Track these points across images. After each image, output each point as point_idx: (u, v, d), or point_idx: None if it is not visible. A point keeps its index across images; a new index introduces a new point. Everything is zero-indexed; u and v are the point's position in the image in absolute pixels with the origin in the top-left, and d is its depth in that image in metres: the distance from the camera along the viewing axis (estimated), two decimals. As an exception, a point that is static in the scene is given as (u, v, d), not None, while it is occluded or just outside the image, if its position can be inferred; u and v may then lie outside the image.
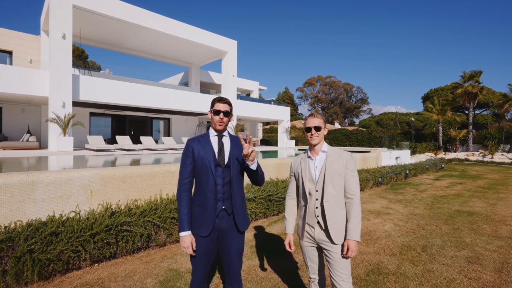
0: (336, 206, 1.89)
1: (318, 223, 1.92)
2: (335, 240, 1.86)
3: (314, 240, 1.96)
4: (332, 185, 1.88)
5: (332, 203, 1.88)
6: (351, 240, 1.83)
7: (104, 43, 17.01)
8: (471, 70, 24.65)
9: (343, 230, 1.88)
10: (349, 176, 1.89)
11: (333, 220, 1.88)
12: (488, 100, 29.99)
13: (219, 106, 1.90)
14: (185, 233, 1.84)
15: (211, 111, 1.93)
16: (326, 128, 2.00)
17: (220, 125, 1.91)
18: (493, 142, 22.09)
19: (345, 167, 1.89)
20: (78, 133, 15.09)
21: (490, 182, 10.09)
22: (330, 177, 1.89)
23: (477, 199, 6.94)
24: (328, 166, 1.90)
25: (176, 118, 20.61)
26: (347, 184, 1.90)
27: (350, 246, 1.83)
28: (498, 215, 5.43)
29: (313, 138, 1.92)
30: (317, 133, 1.92)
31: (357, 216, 1.86)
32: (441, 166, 14.31)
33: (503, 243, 3.93)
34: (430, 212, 5.67)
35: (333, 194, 1.89)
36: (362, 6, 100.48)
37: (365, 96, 62.22)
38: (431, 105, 25.62)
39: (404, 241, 4.01)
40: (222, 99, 1.93)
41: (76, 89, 12.53)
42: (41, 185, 3.69)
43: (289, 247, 2.04)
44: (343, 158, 1.91)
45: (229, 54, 18.19)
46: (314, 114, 1.98)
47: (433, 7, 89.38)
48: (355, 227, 1.84)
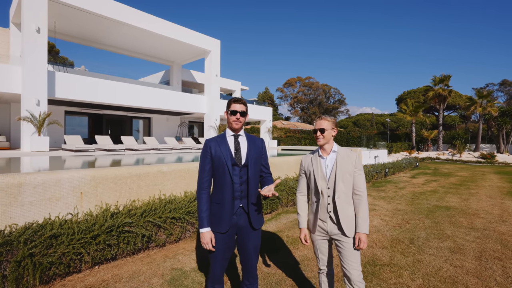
0: (346, 202, 2.03)
1: (330, 218, 2.05)
2: (347, 233, 2.00)
3: (326, 233, 2.08)
4: (343, 183, 2.02)
5: (343, 199, 2.02)
6: (362, 234, 1.99)
7: (80, 39, 16.27)
8: (441, 74, 26.23)
9: (353, 224, 2.03)
10: (357, 174, 2.04)
11: (344, 215, 2.02)
12: (456, 102, 32.11)
13: (235, 107, 1.98)
14: (205, 230, 1.89)
15: (227, 111, 2.00)
16: (335, 129, 2.11)
17: (236, 124, 1.98)
18: (461, 142, 23.66)
19: (354, 166, 2.04)
20: (52, 133, 14.32)
21: (461, 179, 10.86)
22: (341, 175, 2.02)
23: (452, 195, 7.47)
24: (339, 165, 2.03)
25: (157, 118, 20.15)
26: (355, 182, 2.04)
27: (362, 238, 1.98)
28: (471, 209, 5.89)
29: (318, 140, 2.07)
30: (322, 135, 2.05)
31: (365, 212, 2.01)
32: (416, 165, 15.14)
33: (479, 234, 4.30)
34: (412, 207, 6.03)
35: (343, 191, 2.02)
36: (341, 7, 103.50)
37: (342, 97, 64.10)
38: (405, 106, 26.96)
39: (392, 234, 4.26)
40: (238, 100, 2.00)
41: (51, 86, 11.92)
42: (29, 187, 3.53)
43: (305, 241, 2.14)
44: (352, 158, 2.05)
45: (212, 53, 18.07)
46: (321, 116, 2.10)
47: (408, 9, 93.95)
48: (364, 222, 2.00)
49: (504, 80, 45.63)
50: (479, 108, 23.98)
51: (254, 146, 2.06)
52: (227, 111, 2.01)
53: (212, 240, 1.90)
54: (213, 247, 1.92)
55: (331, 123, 2.08)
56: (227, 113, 2.00)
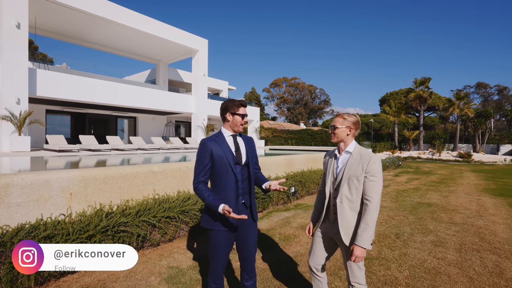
0: (350, 208, 1.88)
1: (335, 219, 1.97)
2: (344, 240, 1.89)
3: (329, 234, 2.05)
4: (348, 187, 1.88)
5: (345, 204, 1.89)
6: (357, 246, 1.79)
7: (63, 35, 15.76)
8: (422, 77, 27.27)
9: (352, 232, 1.87)
10: (368, 180, 1.83)
11: (344, 221, 1.89)
12: (435, 103, 33.43)
13: (245, 111, 2.04)
14: (220, 206, 1.84)
15: (232, 113, 2.02)
16: (351, 129, 1.94)
17: (242, 127, 2.06)
18: (440, 141, 24.69)
19: (365, 170, 1.84)
20: (32, 132, 13.78)
21: (441, 177, 11.37)
22: (346, 178, 1.89)
23: (433, 192, 7.83)
24: (347, 168, 1.90)
25: (143, 117, 19.80)
26: (365, 188, 1.84)
27: (354, 251, 1.79)
28: (451, 205, 6.22)
29: (332, 137, 2.00)
30: (333, 131, 1.97)
31: (367, 222, 1.79)
32: (399, 164, 15.69)
33: (459, 228, 4.57)
34: (396, 204, 6.30)
35: (347, 196, 1.88)
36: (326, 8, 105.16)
37: (327, 97, 65.18)
38: (388, 107, 27.84)
39: (379, 230, 4.46)
40: (245, 104, 2.05)
41: (32, 84, 11.50)
42: (16, 188, 3.45)
43: (308, 232, 2.20)
44: (365, 162, 1.85)
45: (200, 53, 17.96)
46: (338, 113, 2.00)
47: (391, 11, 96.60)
48: (363, 233, 1.78)
49: (480, 83, 47.89)
50: (457, 109, 25.12)
51: (250, 145, 2.14)
52: (232, 113, 2.01)
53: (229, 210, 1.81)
54: (217, 244, 1.98)
55: (346, 121, 1.94)
56: (232, 115, 2.02)
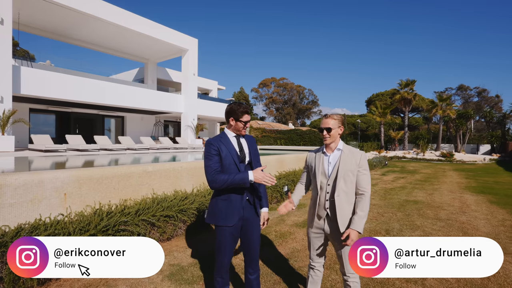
0: (346, 201, 2.02)
1: (327, 215, 2.07)
2: (341, 230, 1.99)
3: (322, 231, 2.13)
4: (344, 181, 2.01)
5: (342, 198, 2.02)
6: (353, 230, 1.93)
7: (48, 32, 15.31)
8: (407, 79, 28.13)
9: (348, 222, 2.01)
10: (361, 174, 2.01)
11: (342, 213, 2.01)
12: (419, 105, 34.54)
13: (248, 118, 2.13)
14: (250, 174, 1.95)
15: (235, 119, 2.11)
16: (342, 127, 2.08)
17: (244, 131, 2.16)
18: (424, 142, 25.57)
19: (358, 165, 2.01)
20: (15, 132, 13.34)
21: (425, 176, 11.82)
22: (342, 173, 2.01)
23: (418, 190, 8.16)
24: (342, 163, 2.02)
25: (131, 117, 19.49)
26: (359, 181, 2.01)
27: (351, 235, 1.92)
28: (436, 202, 6.52)
29: (325, 139, 2.05)
30: (328, 134, 2.03)
31: (363, 210, 1.97)
32: (385, 163, 16.16)
33: (443, 224, 4.82)
34: (385, 202, 6.54)
35: (344, 189, 2.02)
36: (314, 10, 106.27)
37: (315, 98, 66.05)
38: (374, 108, 28.56)
39: (370, 226, 4.64)
40: (248, 111, 2.14)
41: (16, 82, 11.15)
42: (10, 189, 3.41)
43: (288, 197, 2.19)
44: (357, 157, 2.03)
45: (189, 52, 17.86)
46: (327, 115, 2.07)
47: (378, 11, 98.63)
48: (360, 220, 1.95)
49: (461, 85, 49.68)
50: (439, 110, 26.06)
51: (252, 144, 2.25)
52: (235, 119, 2.10)
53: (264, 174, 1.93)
54: (222, 240, 2.06)
55: (337, 121, 2.05)
56: (235, 121, 2.10)
